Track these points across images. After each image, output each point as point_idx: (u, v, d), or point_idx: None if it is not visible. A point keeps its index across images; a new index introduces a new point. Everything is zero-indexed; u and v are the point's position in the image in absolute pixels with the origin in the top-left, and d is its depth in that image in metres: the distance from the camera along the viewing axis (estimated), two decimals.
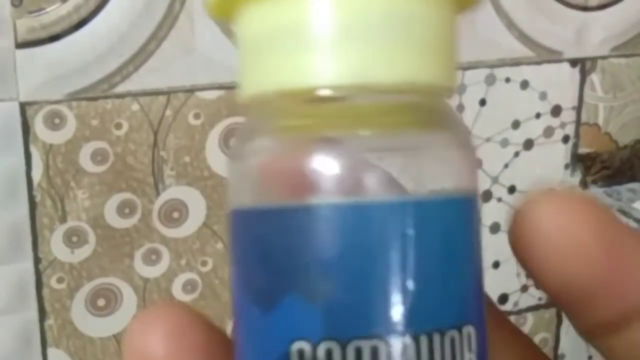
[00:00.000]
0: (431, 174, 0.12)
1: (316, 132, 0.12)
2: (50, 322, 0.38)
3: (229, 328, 0.41)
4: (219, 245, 0.40)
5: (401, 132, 0.12)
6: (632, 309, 0.13)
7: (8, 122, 0.35)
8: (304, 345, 0.11)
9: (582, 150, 0.48)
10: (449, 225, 0.12)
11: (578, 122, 0.47)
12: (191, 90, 0.38)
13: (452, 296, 0.12)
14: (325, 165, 0.11)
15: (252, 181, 0.12)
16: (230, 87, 0.39)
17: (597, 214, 0.13)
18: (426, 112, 0.12)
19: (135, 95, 0.37)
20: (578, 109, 0.47)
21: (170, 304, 0.13)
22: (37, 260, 0.37)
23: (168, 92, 0.38)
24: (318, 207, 0.11)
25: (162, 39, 0.37)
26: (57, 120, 0.36)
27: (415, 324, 0.11)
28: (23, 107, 0.35)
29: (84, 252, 0.38)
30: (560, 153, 0.47)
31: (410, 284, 0.11)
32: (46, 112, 0.36)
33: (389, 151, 0.12)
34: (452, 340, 0.11)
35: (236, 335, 0.12)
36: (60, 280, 0.38)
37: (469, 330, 0.12)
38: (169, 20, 0.37)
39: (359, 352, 0.11)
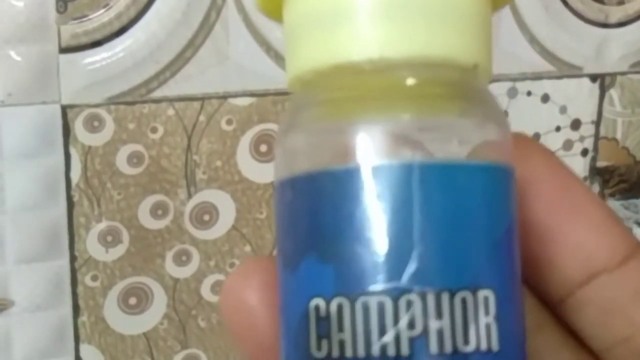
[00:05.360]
0: (462, 144, 0.12)
1: (354, 105, 0.12)
2: (83, 318, 0.39)
3: None
4: (247, 248, 0.42)
5: (439, 106, 0.12)
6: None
7: (50, 124, 0.37)
8: (319, 302, 0.12)
9: (601, 163, 0.49)
10: (463, 189, 0.12)
11: (597, 136, 0.48)
12: (224, 97, 0.40)
13: (466, 258, 0.12)
14: (350, 135, 0.12)
15: (289, 153, 0.13)
16: (261, 95, 0.40)
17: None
18: (463, 88, 0.13)
19: (171, 100, 0.39)
20: (597, 123, 0.48)
21: (265, 258, 0.14)
22: (72, 258, 0.39)
23: (202, 98, 0.39)
24: (329, 173, 0.12)
25: (198, 47, 0.38)
26: (96, 123, 0.38)
27: (422, 282, 0.11)
28: (64, 109, 0.37)
29: (118, 251, 0.39)
30: (579, 166, 0.48)
31: (418, 244, 0.11)
32: (86, 115, 0.37)
33: (427, 123, 0.12)
34: (464, 301, 0.11)
35: (278, 294, 0.13)
36: (94, 278, 0.39)
37: (486, 293, 0.12)
38: (205, 29, 0.38)
39: (366, 307, 0.11)
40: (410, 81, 0.12)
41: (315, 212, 0.12)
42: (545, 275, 0.13)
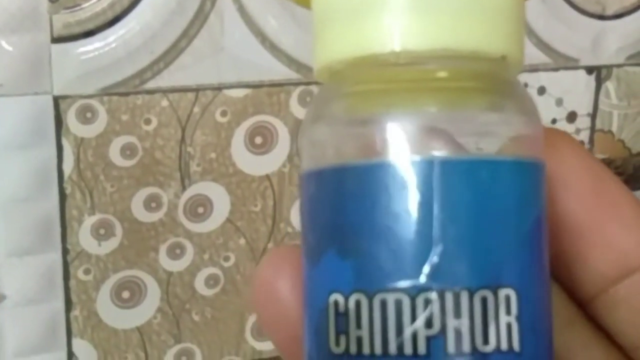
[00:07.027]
0: (489, 138, 0.12)
1: (380, 99, 0.12)
2: (76, 312, 0.39)
3: (248, 324, 0.42)
4: (242, 241, 0.41)
5: (465, 99, 0.12)
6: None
7: (42, 115, 0.36)
8: (338, 297, 0.12)
9: (596, 156, 0.49)
10: (486, 186, 0.11)
11: (593, 129, 0.48)
12: (219, 88, 0.39)
13: (487, 257, 0.11)
14: (376, 130, 0.12)
15: (314, 145, 0.13)
16: (256, 86, 0.40)
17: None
18: (491, 80, 0.13)
19: (165, 91, 0.38)
20: (593, 116, 0.48)
21: (296, 247, 0.14)
22: (65, 252, 0.38)
23: (196, 89, 0.39)
24: (350, 167, 0.12)
25: (193, 37, 0.38)
26: (89, 115, 0.37)
27: (441, 280, 0.11)
28: (56, 100, 0.36)
29: (111, 244, 0.39)
30: None
31: (438, 241, 0.11)
32: (79, 106, 0.37)
33: (453, 116, 0.12)
34: (484, 300, 0.11)
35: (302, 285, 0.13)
36: (86, 272, 0.39)
37: (507, 292, 0.11)
38: (199, 19, 0.38)
39: (384, 304, 0.11)
40: (435, 74, 0.12)
41: (336, 206, 0.12)
42: (576, 272, 0.13)
